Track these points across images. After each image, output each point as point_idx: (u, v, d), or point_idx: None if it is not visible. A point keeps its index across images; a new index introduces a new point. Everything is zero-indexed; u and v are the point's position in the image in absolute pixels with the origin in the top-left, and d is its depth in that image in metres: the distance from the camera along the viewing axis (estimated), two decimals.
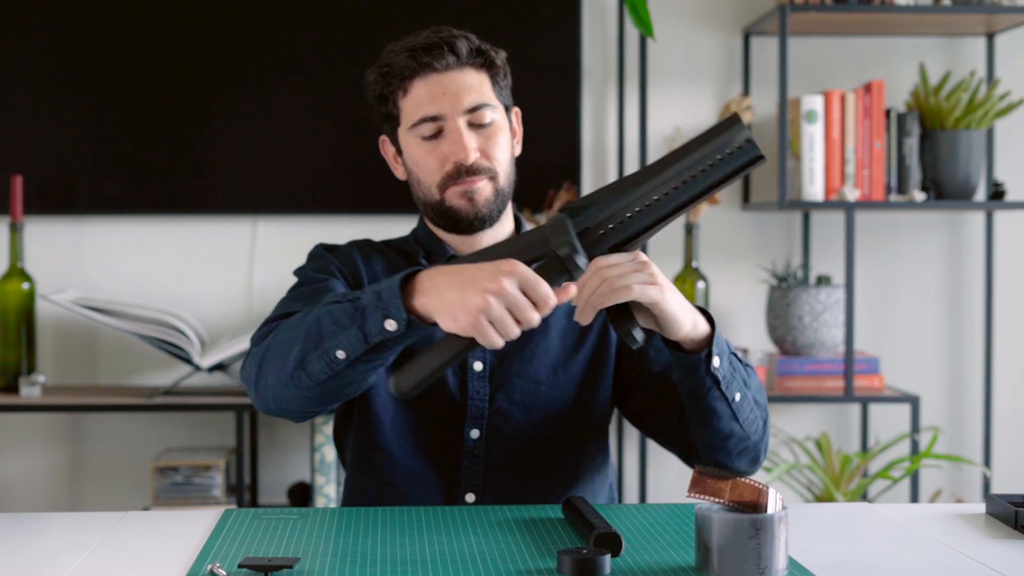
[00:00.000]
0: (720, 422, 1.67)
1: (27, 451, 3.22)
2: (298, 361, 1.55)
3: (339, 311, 1.53)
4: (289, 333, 1.58)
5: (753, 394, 1.69)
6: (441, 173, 1.76)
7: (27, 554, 1.40)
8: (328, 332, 1.52)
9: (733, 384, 1.64)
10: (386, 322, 1.47)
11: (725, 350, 1.64)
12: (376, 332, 1.49)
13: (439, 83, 1.75)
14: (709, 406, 1.65)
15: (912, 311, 3.36)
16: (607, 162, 3.28)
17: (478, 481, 1.77)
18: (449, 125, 1.75)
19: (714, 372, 1.61)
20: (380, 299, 1.48)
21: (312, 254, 1.86)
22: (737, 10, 3.29)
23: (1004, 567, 1.32)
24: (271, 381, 1.59)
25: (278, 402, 1.61)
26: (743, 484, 1.26)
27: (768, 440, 1.76)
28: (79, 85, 3.16)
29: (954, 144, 3.13)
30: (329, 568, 1.30)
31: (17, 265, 3.05)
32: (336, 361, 1.52)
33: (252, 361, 1.65)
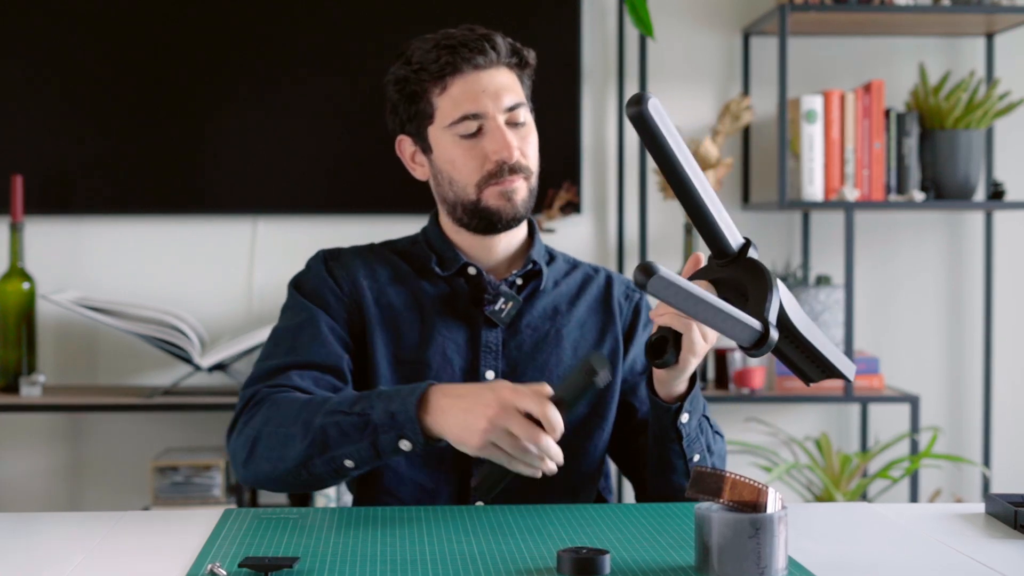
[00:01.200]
0: (675, 476, 1.71)
1: (27, 451, 3.22)
2: (301, 462, 1.61)
3: (347, 424, 1.58)
4: (286, 428, 1.63)
5: (714, 461, 1.73)
6: (482, 172, 1.74)
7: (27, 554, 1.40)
8: (335, 442, 1.59)
9: (695, 445, 1.69)
10: (401, 442, 1.56)
11: (698, 410, 1.68)
12: (390, 450, 1.57)
13: (479, 81, 1.74)
14: (668, 459, 1.70)
15: (912, 311, 3.36)
16: (607, 162, 3.28)
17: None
18: (490, 124, 1.74)
19: (679, 427, 1.66)
20: (394, 420, 1.55)
21: (309, 265, 1.84)
22: (737, 10, 3.29)
23: (1004, 567, 1.32)
24: (265, 468, 1.65)
25: (267, 483, 1.68)
26: (743, 484, 1.26)
27: None
28: (79, 85, 3.16)
29: (954, 144, 3.13)
30: (329, 568, 1.31)
31: (17, 265, 3.05)
32: (344, 468, 1.60)
33: (241, 440, 1.68)
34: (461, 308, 1.79)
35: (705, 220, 1.47)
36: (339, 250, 1.85)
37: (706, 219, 1.47)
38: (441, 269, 1.80)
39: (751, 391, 3.06)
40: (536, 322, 1.80)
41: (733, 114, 3.12)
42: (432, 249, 1.83)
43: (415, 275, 1.82)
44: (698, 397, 1.68)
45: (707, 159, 3.03)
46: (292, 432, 1.62)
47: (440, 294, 1.80)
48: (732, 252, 1.51)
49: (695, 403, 1.67)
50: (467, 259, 1.80)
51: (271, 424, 1.64)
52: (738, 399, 3.04)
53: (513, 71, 1.78)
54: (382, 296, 1.79)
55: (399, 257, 1.84)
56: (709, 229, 1.48)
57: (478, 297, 1.79)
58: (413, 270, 1.82)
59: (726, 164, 3.07)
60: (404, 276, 1.81)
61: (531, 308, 1.81)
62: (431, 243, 1.83)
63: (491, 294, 1.78)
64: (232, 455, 1.70)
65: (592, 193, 3.28)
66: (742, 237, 1.52)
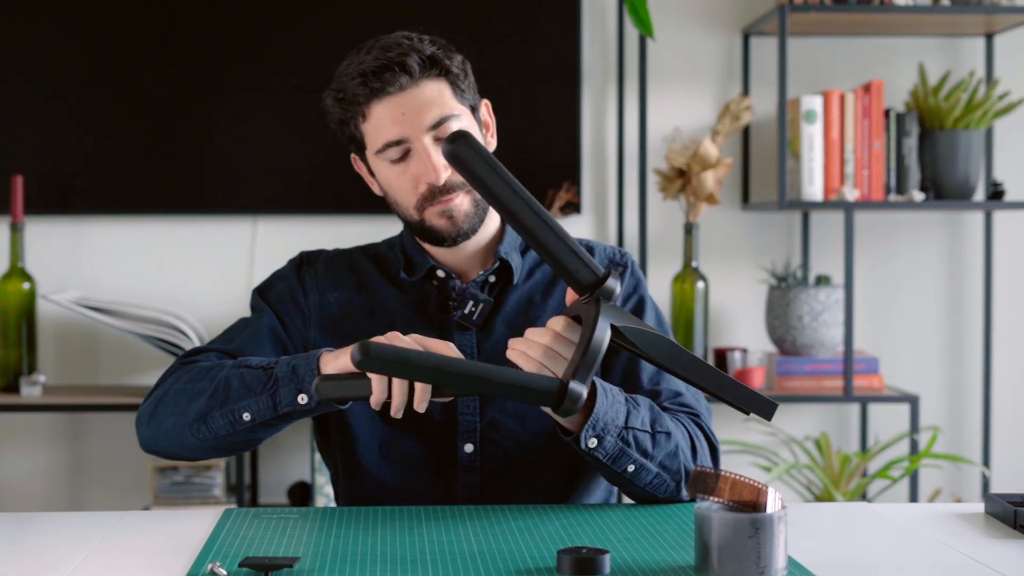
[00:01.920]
0: (617, 485, 1.67)
1: (27, 451, 3.22)
2: (200, 414, 1.62)
3: (250, 376, 1.60)
4: (192, 384, 1.64)
5: (660, 461, 1.61)
6: (416, 195, 1.72)
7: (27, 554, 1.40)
8: (236, 394, 1.59)
9: (622, 459, 1.59)
10: (299, 396, 1.56)
11: (612, 427, 1.57)
12: (287, 403, 1.57)
13: (397, 104, 1.70)
14: (601, 471, 1.63)
15: (911, 311, 3.36)
16: (607, 162, 3.28)
17: (475, 495, 1.75)
18: (415, 146, 1.70)
19: (590, 452, 1.57)
20: (295, 373, 1.56)
21: (281, 270, 1.86)
22: (737, 10, 3.30)
23: (1003, 567, 1.32)
24: (167, 424, 1.65)
25: (168, 445, 1.67)
26: (742, 484, 1.26)
27: None
28: (79, 85, 3.17)
29: (953, 144, 3.13)
30: (329, 568, 1.31)
31: (17, 265, 3.05)
32: (240, 422, 1.60)
33: (148, 402, 1.70)
34: (432, 314, 1.78)
35: (548, 254, 1.47)
36: (317, 254, 1.86)
37: (548, 253, 1.47)
38: (408, 275, 1.79)
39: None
40: (511, 317, 1.78)
41: (733, 114, 3.12)
42: (404, 253, 1.82)
43: (387, 283, 1.81)
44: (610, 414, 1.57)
45: (707, 159, 3.03)
46: (198, 388, 1.63)
47: (411, 300, 1.79)
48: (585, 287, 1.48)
49: (603, 424, 1.56)
50: (435, 263, 1.78)
51: (180, 382, 1.67)
52: None
53: (438, 81, 1.72)
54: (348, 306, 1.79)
55: (374, 263, 1.83)
56: (555, 265, 1.48)
57: (445, 303, 1.77)
58: (385, 277, 1.81)
59: (726, 164, 3.07)
60: (374, 285, 1.80)
61: (505, 304, 1.79)
62: (404, 247, 1.82)
63: (456, 299, 1.76)
64: (137, 418, 1.71)
65: (592, 193, 3.28)
66: (603, 270, 1.47)
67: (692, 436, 1.68)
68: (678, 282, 3.13)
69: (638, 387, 1.74)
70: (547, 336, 1.52)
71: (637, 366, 1.76)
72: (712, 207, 3.26)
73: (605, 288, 1.46)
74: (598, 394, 1.57)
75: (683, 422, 1.69)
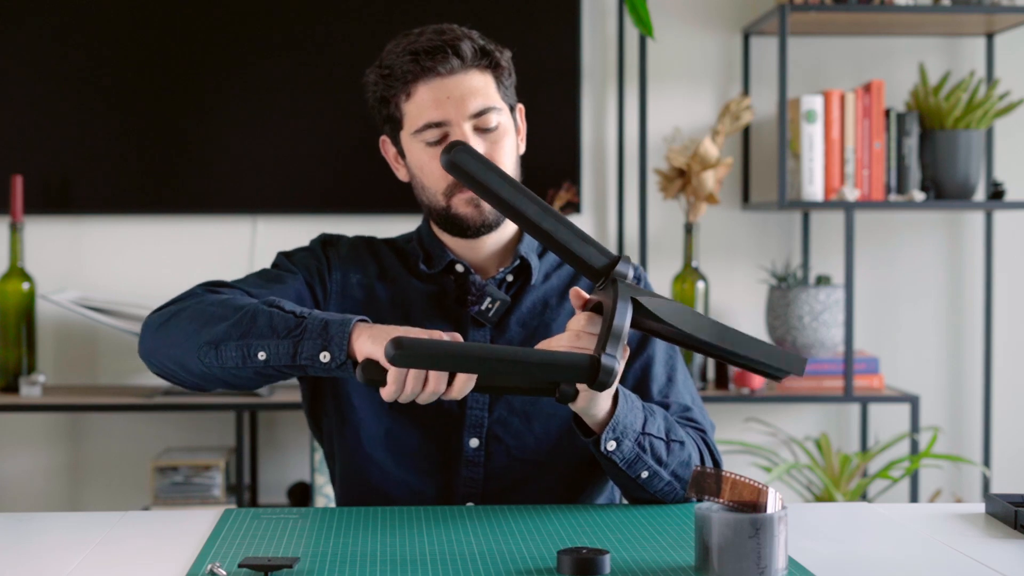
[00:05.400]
0: (627, 490, 1.67)
1: (27, 451, 3.22)
2: (214, 339, 1.56)
3: (279, 318, 1.56)
4: (214, 308, 1.60)
5: (673, 470, 1.64)
6: (447, 180, 1.72)
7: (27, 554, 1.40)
8: (259, 331, 1.55)
9: (638, 464, 1.61)
10: (322, 353, 1.52)
11: (630, 432, 1.59)
12: (307, 356, 1.53)
13: (443, 87, 1.71)
14: (612, 476, 1.65)
15: (912, 311, 3.36)
16: (607, 162, 3.28)
17: (477, 489, 1.75)
18: (454, 131, 1.71)
19: (608, 455, 1.59)
20: (326, 330, 1.53)
21: (307, 245, 1.85)
22: (737, 10, 3.29)
23: (1004, 567, 1.32)
24: (175, 338, 1.60)
25: (168, 360, 1.62)
26: (743, 484, 1.26)
27: None
28: (79, 85, 3.17)
29: (953, 144, 3.13)
30: (329, 568, 1.31)
31: (17, 265, 3.05)
32: (252, 358, 1.55)
33: (163, 313, 1.65)
34: (449, 307, 1.78)
35: (559, 247, 1.47)
36: (338, 238, 1.85)
37: (559, 245, 1.47)
38: (428, 267, 1.79)
39: (751, 391, 3.06)
40: (525, 318, 1.79)
41: (733, 114, 3.12)
42: (422, 247, 1.82)
43: (407, 273, 1.81)
44: (629, 418, 1.59)
45: (707, 159, 3.03)
46: (219, 313, 1.59)
47: (429, 293, 1.79)
48: (600, 272, 1.49)
49: (623, 427, 1.58)
50: (454, 257, 1.78)
51: (202, 304, 1.62)
52: (738, 399, 3.04)
53: (485, 73, 1.74)
54: (369, 290, 1.78)
55: (395, 254, 1.84)
56: (566, 255, 1.48)
57: (463, 297, 1.78)
58: (405, 268, 1.81)
59: (726, 164, 3.07)
60: (394, 273, 1.80)
61: (520, 304, 1.79)
62: (422, 241, 1.83)
63: (475, 294, 1.76)
64: (144, 325, 1.66)
65: (592, 193, 3.28)
66: (614, 254, 1.48)
67: (699, 449, 1.71)
68: (678, 282, 3.13)
69: (647, 398, 1.75)
70: (570, 334, 1.52)
71: (648, 377, 1.78)
72: (712, 207, 3.26)
73: (619, 270, 1.47)
74: (619, 398, 1.58)
75: (691, 435, 1.71)
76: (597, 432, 1.58)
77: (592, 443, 1.59)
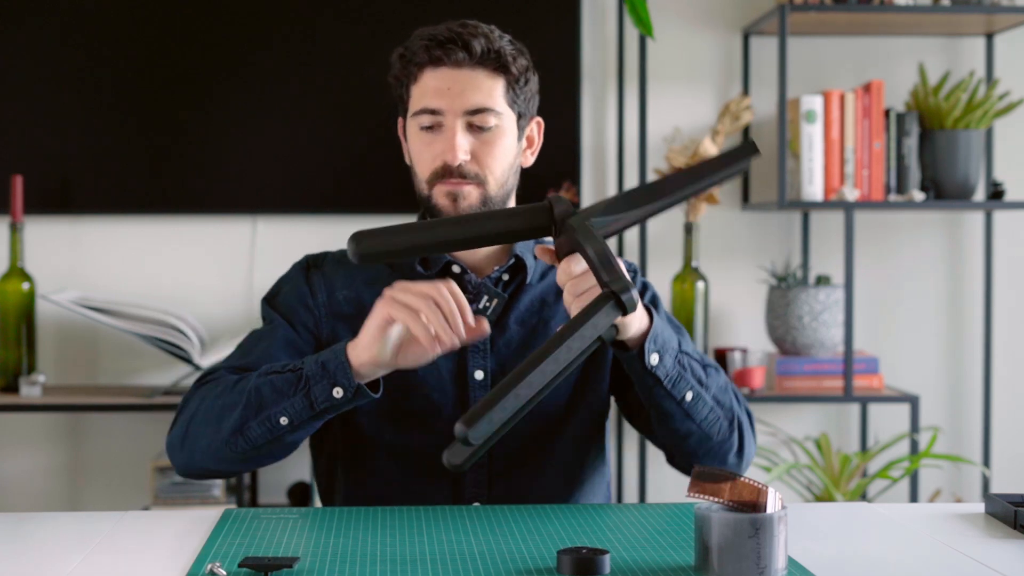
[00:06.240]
0: (673, 422, 1.67)
1: (27, 451, 3.22)
2: (236, 427, 1.62)
3: (280, 381, 1.60)
4: (221, 400, 1.65)
5: (714, 394, 1.67)
6: (430, 169, 1.74)
7: (27, 554, 1.40)
8: (269, 400, 1.60)
9: (681, 383, 1.63)
10: (334, 390, 1.57)
11: (669, 348, 1.62)
12: (323, 399, 1.58)
13: (448, 77, 1.73)
14: (657, 404, 1.65)
15: (912, 311, 3.36)
16: (607, 162, 3.28)
17: (484, 490, 1.76)
18: (446, 122, 1.73)
19: (652, 371, 1.61)
20: (325, 369, 1.57)
21: (288, 274, 1.86)
22: (737, 10, 3.29)
23: (1004, 567, 1.32)
24: (202, 444, 1.66)
25: (205, 463, 1.67)
26: (743, 484, 1.26)
27: (747, 441, 1.75)
28: (79, 85, 3.17)
29: (953, 144, 3.13)
30: (329, 568, 1.31)
31: (17, 265, 3.05)
32: (278, 427, 1.60)
33: (179, 426, 1.70)
34: None
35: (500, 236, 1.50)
36: (324, 256, 1.86)
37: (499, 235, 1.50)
38: (424, 269, 1.79)
39: (751, 391, 3.06)
40: (524, 316, 1.79)
41: (733, 114, 3.13)
42: None
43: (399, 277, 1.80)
44: (666, 334, 1.62)
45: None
46: (228, 402, 1.64)
47: None
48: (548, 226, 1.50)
49: (662, 341, 1.61)
50: (451, 258, 1.78)
51: (207, 400, 1.67)
52: None
53: (493, 75, 1.75)
54: (357, 304, 1.78)
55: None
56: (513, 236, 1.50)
57: None
58: (399, 271, 1.80)
59: None
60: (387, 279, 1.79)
61: (518, 303, 1.79)
62: None
63: (471, 293, 1.76)
64: (168, 445, 1.72)
65: (592, 193, 3.28)
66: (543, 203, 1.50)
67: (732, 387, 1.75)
68: (678, 282, 3.13)
69: None
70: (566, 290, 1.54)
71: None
72: (712, 207, 3.26)
73: (559, 211, 1.48)
74: (654, 314, 1.61)
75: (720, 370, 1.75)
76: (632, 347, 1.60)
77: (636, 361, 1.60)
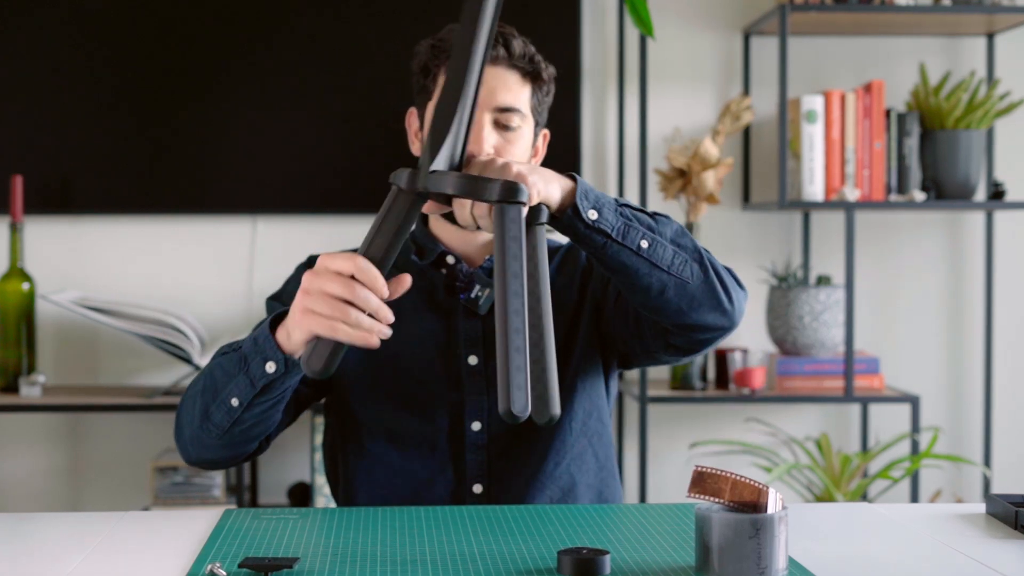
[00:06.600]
0: (643, 278, 1.58)
1: (27, 451, 3.22)
2: (203, 413, 1.62)
3: (227, 361, 1.60)
4: (194, 388, 1.66)
5: (671, 238, 1.59)
6: None
7: (27, 554, 1.40)
8: (221, 383, 1.60)
9: (632, 232, 1.55)
10: (266, 365, 1.54)
11: (606, 202, 1.55)
12: (260, 375, 1.55)
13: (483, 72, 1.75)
14: (619, 266, 1.57)
15: (912, 311, 3.36)
16: (607, 162, 3.28)
17: (484, 471, 1.78)
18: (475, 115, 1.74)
19: (596, 225, 1.53)
20: (256, 344, 1.55)
21: (292, 278, 1.86)
22: (737, 10, 3.29)
23: (1004, 567, 1.32)
24: (187, 434, 1.67)
25: (198, 453, 1.68)
26: (743, 484, 1.26)
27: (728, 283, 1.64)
28: (79, 85, 3.16)
29: (954, 144, 3.13)
30: (329, 568, 1.30)
31: (17, 265, 3.05)
32: (232, 408, 1.59)
33: (176, 419, 1.72)
34: (440, 299, 1.81)
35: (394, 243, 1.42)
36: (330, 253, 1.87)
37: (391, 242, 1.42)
38: (419, 259, 1.82)
39: (751, 391, 3.06)
40: None
41: (733, 114, 3.12)
42: (414, 241, 1.86)
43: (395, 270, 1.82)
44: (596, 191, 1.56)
45: (707, 159, 3.03)
46: (195, 390, 1.65)
47: (418, 287, 1.81)
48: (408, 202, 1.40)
49: (594, 196, 1.54)
50: (445, 248, 1.82)
51: (188, 392, 1.68)
52: (738, 399, 3.04)
53: (523, 79, 1.78)
54: None
55: None
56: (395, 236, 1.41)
57: (453, 286, 1.80)
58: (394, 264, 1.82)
59: (726, 164, 3.07)
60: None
61: None
62: (414, 236, 1.86)
63: (462, 281, 1.79)
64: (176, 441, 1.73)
65: None
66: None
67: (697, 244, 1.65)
68: None
69: None
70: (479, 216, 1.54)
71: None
72: (713, 207, 3.25)
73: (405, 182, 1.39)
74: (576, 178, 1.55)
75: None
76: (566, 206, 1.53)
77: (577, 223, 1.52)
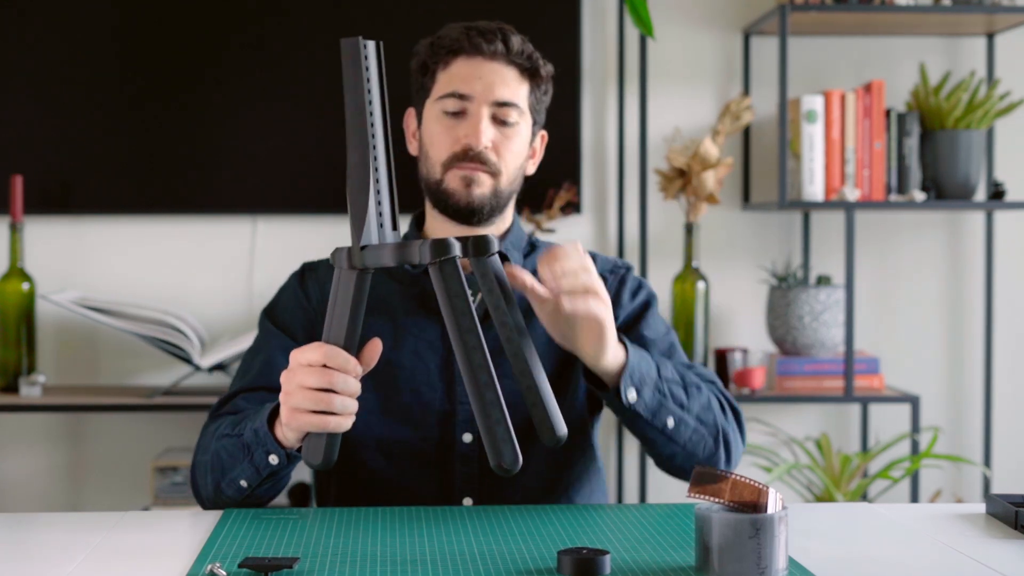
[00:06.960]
0: (657, 447, 1.69)
1: (27, 451, 3.22)
2: (215, 487, 1.66)
3: (231, 445, 1.63)
4: (203, 457, 1.70)
5: (697, 415, 1.67)
6: (449, 152, 1.77)
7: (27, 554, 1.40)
8: (228, 465, 1.63)
9: (662, 412, 1.63)
10: (269, 457, 1.58)
11: (648, 379, 1.62)
12: (264, 466, 1.60)
13: (480, 67, 1.77)
14: (640, 433, 1.67)
15: (912, 311, 3.36)
16: (607, 162, 3.28)
17: (474, 484, 1.77)
18: (473, 108, 1.77)
19: (632, 407, 1.61)
20: (257, 436, 1.58)
21: (286, 283, 1.88)
22: (737, 10, 3.29)
23: (1004, 567, 1.32)
24: (203, 497, 1.71)
25: (220, 504, 1.70)
26: (743, 484, 1.26)
27: (733, 449, 1.75)
28: (79, 85, 3.16)
29: (954, 144, 3.13)
30: (329, 568, 1.30)
31: (17, 265, 3.05)
32: (242, 488, 1.63)
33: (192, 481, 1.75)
34: (433, 307, 1.80)
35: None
36: (319, 262, 1.90)
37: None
38: (411, 267, 1.81)
39: (751, 391, 3.06)
40: None
41: (733, 114, 3.12)
42: None
43: (388, 277, 1.83)
44: (643, 366, 1.61)
45: (707, 159, 3.03)
46: (206, 461, 1.69)
47: (412, 294, 1.81)
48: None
49: (639, 375, 1.60)
50: None
51: (198, 457, 1.72)
52: (738, 399, 3.04)
53: (522, 76, 1.80)
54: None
55: None
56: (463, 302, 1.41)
57: None
58: (387, 272, 1.83)
59: (726, 164, 3.07)
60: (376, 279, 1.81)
61: None
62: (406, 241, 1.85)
63: None
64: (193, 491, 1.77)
65: (592, 193, 3.27)
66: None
67: (717, 396, 1.74)
68: (678, 282, 3.13)
69: None
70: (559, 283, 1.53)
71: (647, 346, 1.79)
72: (712, 207, 3.25)
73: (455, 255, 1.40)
74: (629, 348, 1.61)
75: (703, 384, 1.74)
76: (611, 385, 1.60)
77: (612, 397, 1.60)
